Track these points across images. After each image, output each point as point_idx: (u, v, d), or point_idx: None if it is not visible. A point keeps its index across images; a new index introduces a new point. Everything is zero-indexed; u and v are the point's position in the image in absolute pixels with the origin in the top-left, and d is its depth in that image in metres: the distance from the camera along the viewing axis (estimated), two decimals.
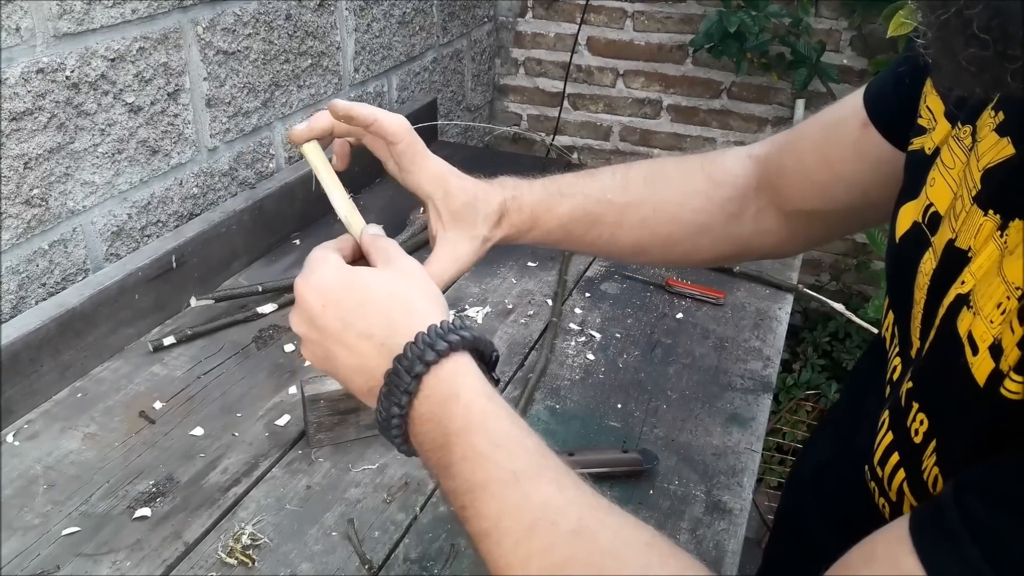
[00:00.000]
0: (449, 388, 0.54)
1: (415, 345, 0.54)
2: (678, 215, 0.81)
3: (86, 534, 0.94)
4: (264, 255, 1.54)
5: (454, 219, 0.72)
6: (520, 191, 0.77)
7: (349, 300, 0.57)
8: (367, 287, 0.58)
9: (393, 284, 0.59)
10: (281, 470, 1.05)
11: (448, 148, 2.09)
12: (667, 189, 0.82)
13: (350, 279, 0.59)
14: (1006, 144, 0.51)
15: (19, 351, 1.11)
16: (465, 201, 0.73)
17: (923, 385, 0.55)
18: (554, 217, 0.78)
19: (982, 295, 0.48)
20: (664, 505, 1.00)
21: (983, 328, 0.47)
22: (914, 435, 0.54)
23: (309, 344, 0.60)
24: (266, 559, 0.92)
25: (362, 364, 0.57)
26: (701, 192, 0.82)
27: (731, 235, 0.83)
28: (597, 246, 0.82)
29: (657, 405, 1.17)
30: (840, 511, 0.69)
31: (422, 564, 0.92)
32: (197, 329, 1.29)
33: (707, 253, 0.86)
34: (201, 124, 1.47)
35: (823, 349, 2.38)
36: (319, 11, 1.71)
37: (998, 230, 0.49)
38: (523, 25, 2.59)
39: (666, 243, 0.83)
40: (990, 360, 0.46)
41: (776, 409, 2.22)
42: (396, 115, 0.70)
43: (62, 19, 1.18)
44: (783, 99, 2.39)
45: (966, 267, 0.51)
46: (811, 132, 0.80)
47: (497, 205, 0.74)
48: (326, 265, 0.60)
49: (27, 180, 1.19)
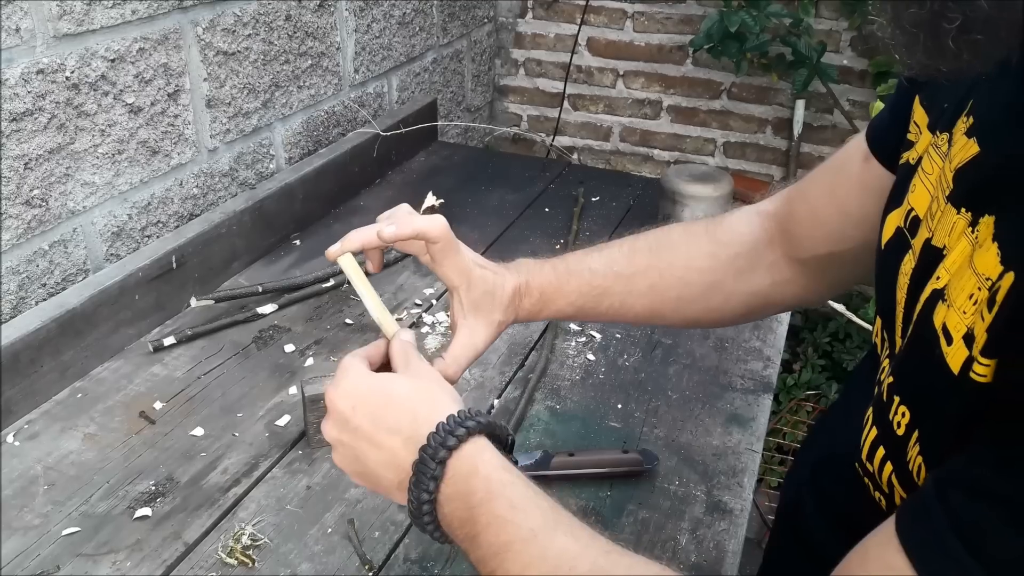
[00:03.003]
0: (470, 466, 0.59)
1: (437, 434, 0.59)
2: (685, 277, 0.84)
3: (86, 534, 0.94)
4: (264, 255, 1.54)
5: (474, 308, 0.78)
6: (532, 275, 0.82)
7: (376, 401, 0.63)
8: (391, 388, 0.64)
9: (413, 384, 0.65)
10: (281, 470, 1.05)
11: (448, 149, 2.09)
12: (672, 254, 0.85)
13: (376, 383, 0.65)
14: (972, 144, 0.54)
15: (19, 351, 1.11)
16: (484, 290, 0.78)
17: (903, 378, 0.57)
18: (563, 296, 0.83)
19: (955, 288, 0.51)
20: (664, 505, 1.00)
21: (957, 319, 0.50)
22: (897, 428, 0.56)
23: (340, 448, 0.65)
24: (266, 559, 0.92)
25: (391, 459, 0.62)
26: (706, 252, 0.85)
27: (747, 291, 0.85)
28: (610, 315, 0.87)
29: (657, 405, 1.17)
30: (839, 509, 0.70)
31: (422, 564, 0.92)
32: (197, 329, 1.29)
33: (724, 313, 0.88)
34: (201, 125, 1.47)
35: (823, 349, 2.38)
36: (319, 12, 1.71)
37: (969, 226, 0.52)
38: (523, 26, 2.59)
39: (677, 305, 0.85)
40: (964, 348, 0.48)
41: (776, 409, 2.22)
42: (436, 218, 0.75)
43: (62, 20, 1.18)
44: (783, 99, 2.39)
45: (941, 263, 0.54)
46: (819, 177, 0.82)
47: (511, 291, 0.80)
48: (353, 372, 0.65)
49: (27, 180, 1.19)
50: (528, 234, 1.65)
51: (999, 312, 0.46)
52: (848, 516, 0.68)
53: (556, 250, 1.58)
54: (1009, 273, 0.46)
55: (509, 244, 1.61)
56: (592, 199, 1.79)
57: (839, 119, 2.33)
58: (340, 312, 1.38)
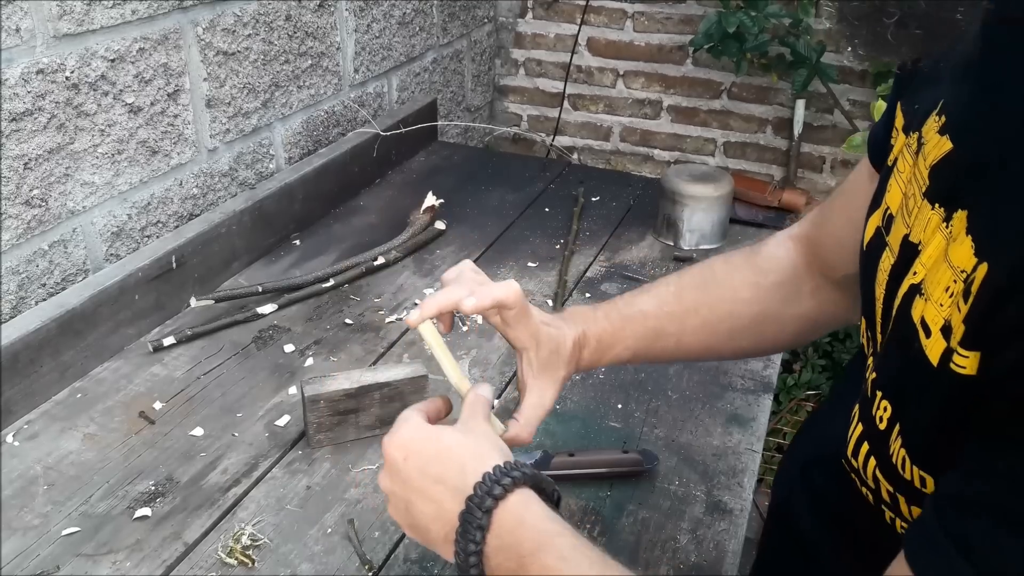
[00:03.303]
0: (517, 517, 0.59)
1: (483, 483, 0.60)
2: (733, 310, 0.86)
3: (86, 534, 0.94)
4: (264, 255, 1.54)
5: (543, 367, 0.79)
6: (588, 325, 0.83)
7: (426, 452, 0.64)
8: (441, 440, 0.64)
9: (463, 437, 0.65)
10: (281, 470, 1.05)
11: (448, 149, 2.09)
12: (718, 288, 0.86)
13: (428, 434, 0.65)
14: (946, 141, 0.56)
15: (19, 351, 1.11)
16: (552, 349, 0.79)
17: (884, 373, 0.59)
18: (620, 342, 0.84)
19: (932, 282, 0.52)
20: (664, 505, 1.00)
21: (934, 312, 0.51)
22: (879, 422, 0.58)
23: (393, 499, 0.66)
24: (266, 559, 0.92)
25: (438, 510, 0.62)
26: (750, 283, 0.86)
27: (794, 316, 0.86)
28: (667, 355, 0.89)
29: (657, 405, 1.17)
30: (829, 507, 0.71)
31: (422, 564, 0.92)
32: (197, 329, 1.29)
33: (777, 340, 0.90)
34: (201, 124, 1.47)
35: (823, 349, 2.38)
36: (319, 12, 1.71)
37: (943, 221, 0.53)
38: (523, 26, 2.59)
39: (730, 338, 0.87)
40: (942, 340, 0.50)
41: (776, 409, 2.22)
42: (510, 284, 0.75)
43: (62, 20, 1.18)
44: (783, 100, 2.39)
45: (917, 258, 0.55)
46: (836, 202, 0.83)
47: (572, 345, 0.81)
48: (408, 424, 0.66)
49: (27, 180, 1.19)
50: (528, 234, 1.65)
51: (975, 303, 0.47)
52: (839, 514, 0.69)
53: (556, 250, 1.58)
54: (983, 264, 0.47)
55: (509, 244, 1.61)
56: (592, 199, 1.79)
57: (839, 119, 2.33)
58: (340, 312, 1.38)
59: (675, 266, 1.54)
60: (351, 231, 1.64)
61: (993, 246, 0.48)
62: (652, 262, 1.55)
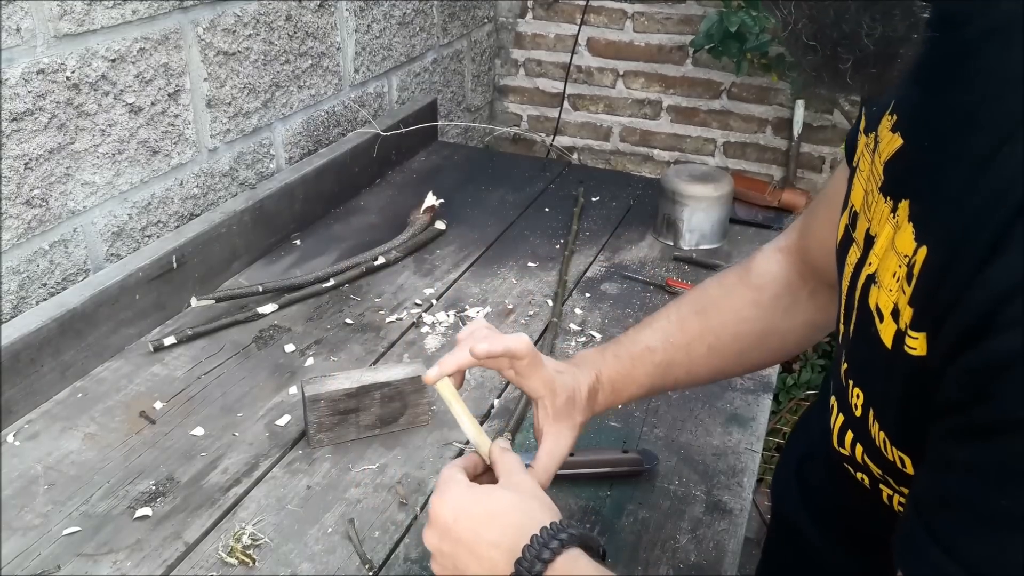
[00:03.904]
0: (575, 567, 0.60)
1: (532, 547, 0.60)
2: (738, 332, 0.87)
3: (86, 534, 0.94)
4: (264, 255, 1.54)
5: (558, 415, 0.80)
6: (600, 369, 0.84)
7: (480, 514, 0.65)
8: (493, 502, 0.65)
9: (513, 497, 0.66)
10: (281, 470, 1.05)
11: (448, 149, 2.09)
12: (718, 313, 0.87)
13: (479, 496, 0.66)
14: (897, 137, 0.59)
15: (19, 351, 1.11)
16: (567, 397, 0.80)
17: (852, 361, 0.62)
18: (633, 382, 0.85)
19: (882, 269, 0.56)
20: (664, 505, 1.00)
21: (885, 297, 0.55)
22: (855, 409, 0.60)
23: (440, 558, 0.66)
24: (266, 559, 0.92)
25: (491, 572, 0.63)
26: (749, 302, 0.87)
27: (795, 325, 0.87)
28: (679, 385, 0.90)
29: (657, 405, 1.17)
30: (822, 500, 0.72)
31: (422, 564, 0.92)
32: (197, 329, 1.29)
33: (783, 349, 0.91)
34: (201, 125, 1.48)
35: (823, 349, 2.38)
36: (319, 12, 1.71)
37: (891, 212, 0.56)
38: (523, 26, 2.59)
39: (739, 359, 0.88)
40: (892, 323, 0.53)
41: (776, 409, 2.22)
42: (520, 337, 0.77)
43: (62, 20, 1.18)
44: (783, 100, 2.39)
45: (871, 250, 0.58)
46: (818, 209, 0.84)
47: (587, 391, 0.82)
48: (457, 484, 0.67)
49: (27, 180, 1.19)
50: (528, 234, 1.65)
51: (917, 284, 0.50)
52: (833, 509, 0.71)
53: (556, 250, 1.58)
54: (923, 248, 0.50)
55: (509, 244, 1.61)
56: (592, 199, 1.79)
57: (839, 119, 2.33)
58: (340, 312, 1.38)
59: (675, 266, 1.54)
60: (351, 231, 1.64)
61: (930, 230, 0.51)
62: (652, 262, 1.55)
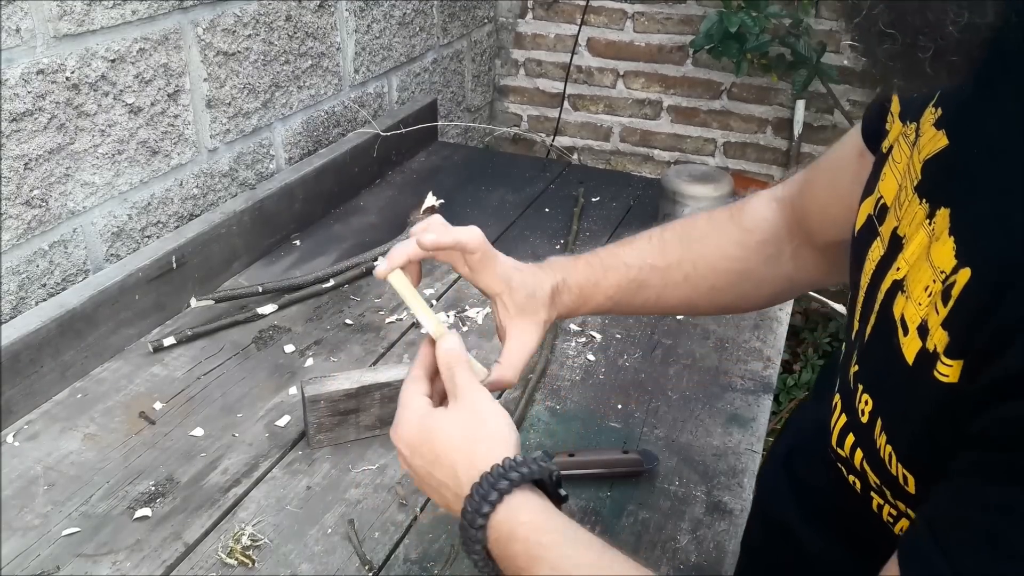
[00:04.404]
0: (508, 532, 0.59)
1: (472, 499, 0.60)
2: (717, 266, 0.85)
3: (86, 534, 0.94)
4: (264, 256, 1.54)
5: (519, 311, 0.79)
6: (567, 272, 0.83)
7: (427, 453, 0.65)
8: (440, 441, 0.64)
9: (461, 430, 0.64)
10: (281, 470, 1.05)
11: (448, 149, 2.09)
12: (702, 244, 0.86)
13: (426, 435, 0.65)
14: (942, 136, 0.55)
15: (19, 351, 1.11)
16: (527, 294, 0.79)
17: (865, 367, 0.59)
18: (601, 292, 0.84)
19: (913, 280, 0.52)
20: (665, 505, 1.00)
21: (913, 310, 0.51)
22: (861, 415, 0.58)
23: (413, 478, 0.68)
24: (266, 559, 0.92)
25: (447, 505, 0.65)
26: (735, 241, 0.86)
27: (774, 276, 0.87)
28: (647, 308, 0.88)
29: (657, 406, 1.17)
30: (812, 494, 0.70)
31: (422, 564, 0.92)
32: (197, 330, 1.29)
33: (755, 298, 0.90)
34: (201, 125, 1.47)
35: (823, 349, 2.38)
36: (319, 12, 1.71)
37: (927, 218, 0.53)
38: (523, 26, 2.59)
39: (711, 295, 0.87)
40: (917, 340, 0.50)
41: (776, 410, 2.22)
42: (472, 229, 0.76)
43: (62, 20, 1.18)
44: (783, 100, 2.39)
45: (901, 253, 0.55)
46: (821, 170, 0.83)
47: (550, 289, 0.80)
48: (409, 413, 0.67)
49: (27, 181, 1.19)
50: (528, 234, 1.65)
51: (956, 308, 0.46)
52: (822, 503, 0.69)
53: (556, 250, 1.58)
54: (965, 269, 0.47)
55: (509, 244, 1.61)
56: (592, 199, 1.79)
57: (839, 119, 2.33)
58: (340, 312, 1.38)
59: None
60: (351, 231, 1.64)
61: (976, 251, 0.47)
62: None
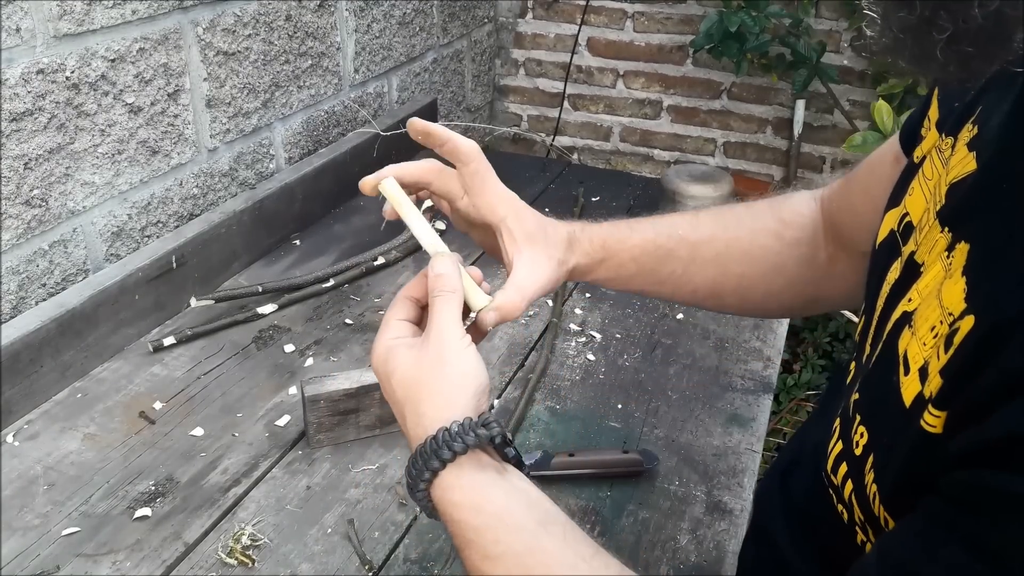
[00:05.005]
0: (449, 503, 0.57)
1: (415, 464, 0.57)
2: (750, 251, 0.80)
3: (86, 534, 0.94)
4: (264, 255, 1.54)
5: (529, 239, 0.70)
6: (586, 227, 0.76)
7: (386, 386, 0.62)
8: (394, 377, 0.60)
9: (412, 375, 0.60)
10: (281, 470, 1.05)
11: None
12: (738, 227, 0.81)
13: (387, 368, 0.61)
14: (971, 159, 0.51)
15: (19, 351, 1.11)
16: (537, 223, 0.71)
17: (865, 398, 0.55)
18: (626, 248, 0.76)
19: (921, 316, 0.49)
20: (664, 505, 1.00)
21: (917, 349, 0.47)
22: (856, 447, 0.54)
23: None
24: (266, 559, 0.92)
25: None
26: (771, 230, 0.81)
27: (805, 279, 0.82)
28: (670, 283, 0.80)
29: (657, 405, 1.17)
30: (803, 517, 0.67)
31: (422, 564, 0.92)
32: (197, 329, 1.29)
33: (784, 298, 0.84)
34: (201, 125, 1.47)
35: (823, 349, 2.38)
36: (319, 12, 1.71)
37: (946, 250, 0.49)
38: (523, 26, 2.59)
39: (740, 284, 0.81)
40: (917, 382, 0.46)
41: (776, 410, 2.22)
42: (468, 139, 0.70)
43: (62, 20, 1.18)
44: (783, 100, 2.39)
45: (915, 283, 0.51)
46: (859, 175, 0.80)
47: (565, 233, 0.74)
48: (382, 338, 0.62)
49: (27, 180, 1.19)
50: None
51: (953, 358, 0.44)
52: (812, 527, 0.65)
53: None
54: (969, 316, 0.44)
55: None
56: (592, 199, 1.79)
57: (839, 119, 2.33)
58: (340, 312, 1.38)
59: None
60: (351, 231, 1.64)
61: (983, 297, 0.44)
62: None
